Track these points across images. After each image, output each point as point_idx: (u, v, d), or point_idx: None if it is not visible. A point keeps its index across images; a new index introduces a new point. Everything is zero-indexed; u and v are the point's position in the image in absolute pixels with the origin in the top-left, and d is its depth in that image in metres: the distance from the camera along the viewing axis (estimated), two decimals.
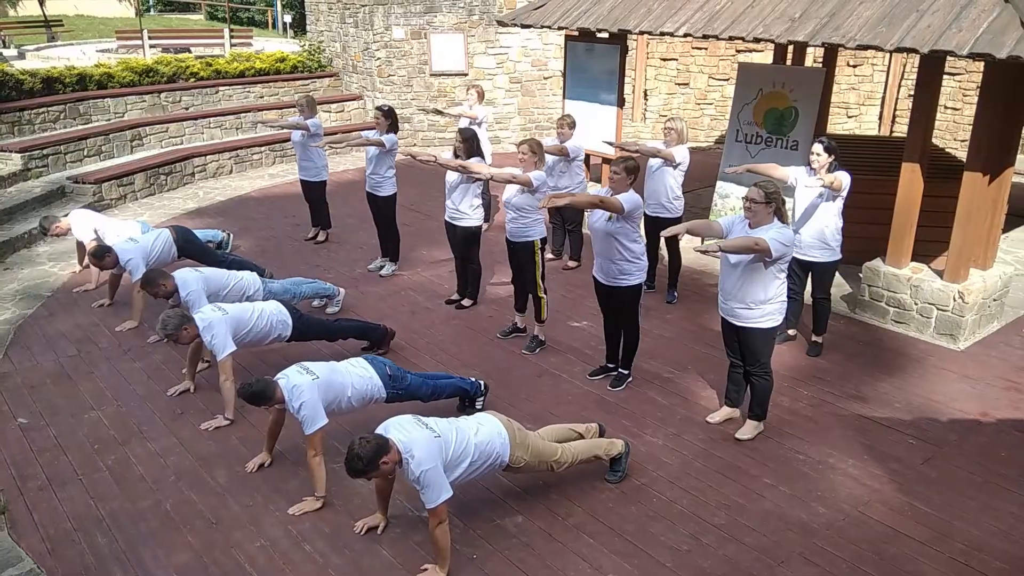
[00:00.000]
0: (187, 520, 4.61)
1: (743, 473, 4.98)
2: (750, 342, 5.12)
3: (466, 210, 7.02)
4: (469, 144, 6.90)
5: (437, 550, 4.08)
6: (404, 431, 4.06)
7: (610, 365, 6.14)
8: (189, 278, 6.18)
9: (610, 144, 8.31)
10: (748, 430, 5.33)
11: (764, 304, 4.96)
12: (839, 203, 6.09)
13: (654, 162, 7.29)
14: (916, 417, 5.59)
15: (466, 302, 7.47)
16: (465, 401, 5.62)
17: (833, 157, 6.03)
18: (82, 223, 7.89)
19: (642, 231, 5.63)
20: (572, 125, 7.93)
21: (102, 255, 6.95)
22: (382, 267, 8.32)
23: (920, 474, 4.96)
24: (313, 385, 4.63)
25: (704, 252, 4.79)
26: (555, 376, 6.20)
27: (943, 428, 5.46)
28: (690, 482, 4.90)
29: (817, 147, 6.05)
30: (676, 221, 7.09)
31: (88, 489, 4.89)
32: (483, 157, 7.04)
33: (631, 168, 5.48)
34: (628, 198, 5.42)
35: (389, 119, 7.91)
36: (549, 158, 7.79)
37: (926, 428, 5.45)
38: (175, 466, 5.12)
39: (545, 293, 6.55)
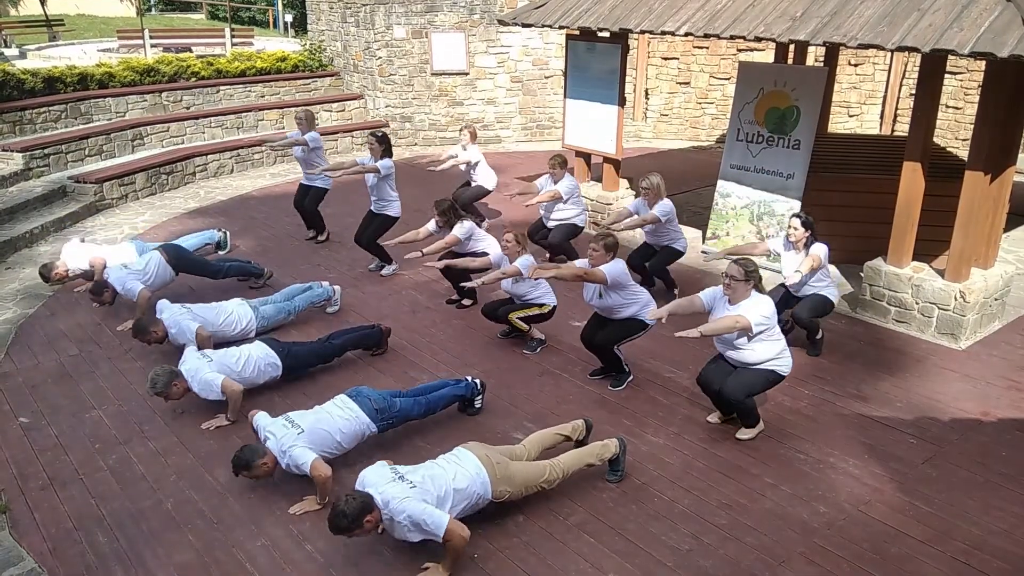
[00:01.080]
0: (188, 519, 4.62)
1: (744, 472, 4.98)
2: (747, 375, 5.11)
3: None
4: (446, 215, 6.98)
5: (448, 552, 4.09)
6: (380, 487, 4.08)
7: None
8: (179, 319, 6.24)
9: (596, 224, 8.35)
10: (748, 430, 5.33)
11: (769, 361, 5.06)
12: (822, 271, 6.23)
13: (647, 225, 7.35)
14: (917, 416, 5.58)
15: (467, 301, 7.47)
16: (464, 402, 5.61)
17: (810, 232, 6.19)
18: (76, 257, 7.77)
19: (633, 283, 5.76)
20: (563, 164, 8.00)
21: (100, 292, 7.05)
22: (382, 267, 8.33)
23: (921, 473, 4.96)
24: (299, 438, 4.68)
25: (686, 336, 4.84)
26: (556, 375, 6.20)
27: (944, 427, 5.46)
28: (691, 481, 4.90)
29: (795, 221, 6.23)
30: (678, 250, 7.36)
31: (89, 488, 4.90)
32: (463, 220, 7.04)
33: (610, 246, 5.60)
34: (610, 269, 5.52)
35: (383, 145, 7.94)
36: (547, 191, 7.96)
37: (927, 427, 5.45)
38: (176, 465, 5.12)
39: (527, 329, 6.57)
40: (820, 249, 6.14)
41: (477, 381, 5.64)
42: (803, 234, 6.17)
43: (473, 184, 9.34)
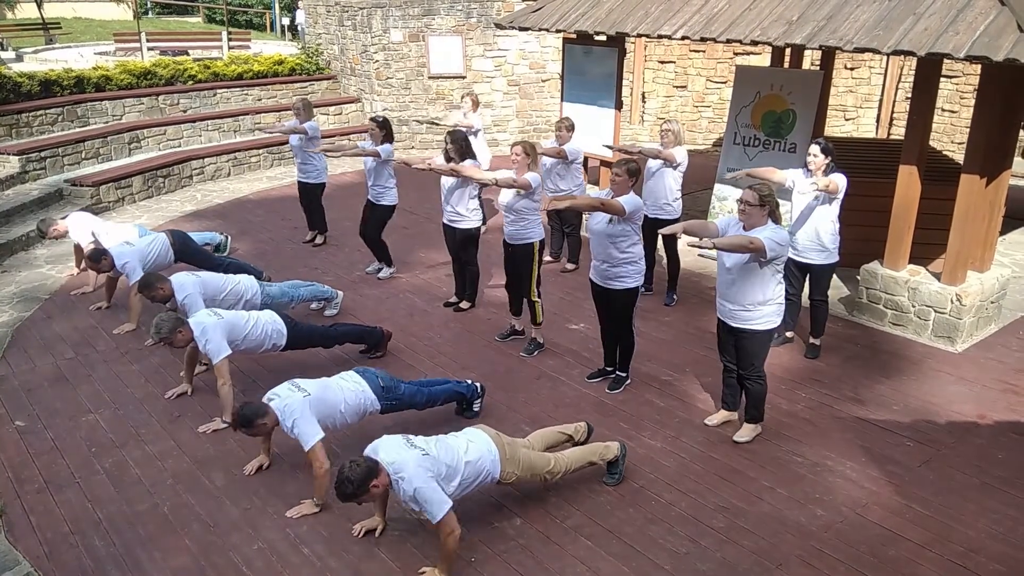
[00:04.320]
0: (185, 523, 4.61)
1: (741, 476, 4.98)
2: (746, 344, 5.12)
3: (464, 212, 7.03)
4: (459, 146, 6.84)
5: (444, 555, 4.08)
6: (392, 452, 4.07)
7: (608, 368, 6.13)
8: (186, 282, 6.18)
9: (609, 148, 8.34)
10: (746, 432, 5.33)
11: (761, 306, 4.97)
12: (836, 206, 6.10)
13: (653, 164, 7.30)
14: (914, 419, 5.59)
15: (464, 305, 7.47)
16: (462, 404, 5.61)
17: (830, 159, 6.05)
18: (80, 226, 7.88)
19: (641, 235, 5.65)
20: (571, 128, 7.93)
21: (98, 258, 6.95)
22: (380, 270, 8.32)
23: (918, 476, 4.97)
24: (304, 402, 4.64)
25: (698, 246, 4.79)
26: (553, 379, 6.20)
27: (941, 430, 5.46)
28: (688, 484, 4.90)
29: (814, 148, 6.08)
30: (675, 222, 7.08)
31: (86, 492, 4.88)
32: (475, 159, 7.03)
33: (632, 170, 5.48)
34: (629, 200, 5.43)
35: (383, 129, 7.90)
36: (547, 160, 7.83)
37: (924, 430, 5.46)
38: (172, 469, 5.11)
39: (539, 297, 6.55)
40: (840, 178, 6.01)
41: (478, 384, 5.65)
42: (823, 161, 6.03)
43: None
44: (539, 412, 5.69)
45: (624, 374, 6.02)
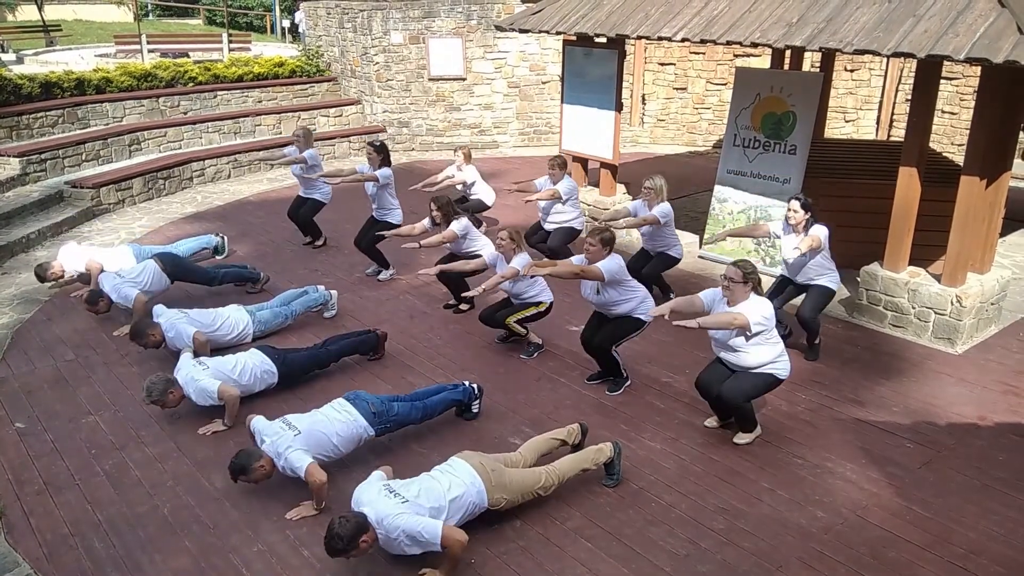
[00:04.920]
0: (185, 525, 4.61)
1: (741, 477, 4.98)
2: (747, 378, 5.10)
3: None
4: (444, 211, 6.97)
5: (450, 559, 4.08)
6: (376, 507, 4.07)
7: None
8: (176, 323, 6.23)
9: (594, 220, 8.36)
10: (746, 434, 5.33)
11: (763, 368, 5.04)
12: (823, 254, 6.20)
13: (644, 227, 7.30)
14: (914, 421, 5.59)
15: (464, 306, 7.47)
16: (461, 408, 5.61)
17: (810, 214, 6.17)
18: (73, 259, 7.77)
19: (630, 277, 5.75)
20: (563, 166, 8.02)
21: (95, 301, 7.01)
22: (379, 271, 8.33)
23: (918, 478, 4.96)
24: (295, 440, 4.68)
25: (684, 327, 4.81)
26: (553, 380, 6.19)
27: (941, 432, 5.46)
28: (688, 486, 4.90)
29: (794, 204, 6.20)
30: (674, 257, 7.35)
31: (85, 494, 4.88)
32: (459, 218, 7.04)
33: (607, 240, 5.56)
34: (607, 266, 5.50)
35: (381, 154, 7.97)
36: (542, 203, 7.96)
37: (924, 432, 5.45)
38: (173, 471, 5.11)
39: (525, 333, 6.55)
40: (820, 231, 6.09)
41: (474, 386, 5.64)
42: (802, 217, 6.12)
43: (471, 198, 9.37)
44: (539, 413, 5.69)
45: (623, 375, 6.02)
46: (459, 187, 9.39)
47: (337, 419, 4.91)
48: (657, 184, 7.15)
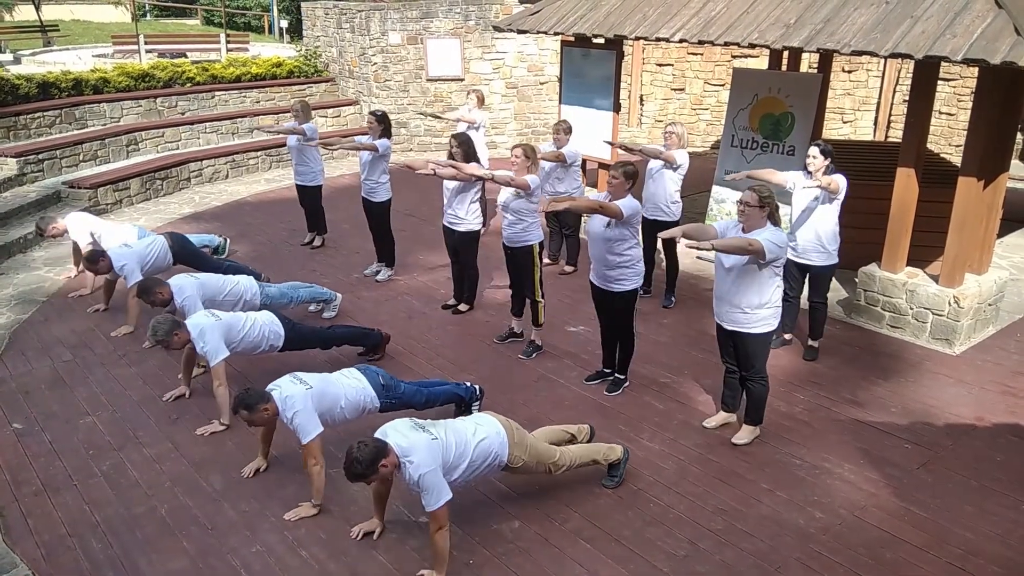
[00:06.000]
0: (182, 526, 4.60)
1: (740, 478, 4.98)
2: (745, 347, 5.13)
3: (464, 215, 7.02)
4: (465, 148, 6.88)
5: (435, 555, 4.08)
6: (402, 435, 4.06)
7: (607, 370, 6.13)
8: (185, 284, 6.17)
9: (610, 144, 8.33)
10: (744, 435, 5.34)
11: (759, 309, 4.97)
12: (836, 206, 6.11)
13: (654, 165, 7.31)
14: (912, 421, 5.59)
15: (463, 307, 7.47)
16: (461, 406, 5.61)
17: (829, 160, 6.06)
18: (79, 226, 7.89)
19: (640, 236, 5.65)
20: (568, 130, 7.93)
21: (96, 259, 6.95)
22: (378, 272, 8.32)
23: (916, 479, 4.97)
24: (307, 395, 4.62)
25: (697, 248, 4.79)
26: (552, 381, 6.20)
27: (939, 432, 5.47)
28: (687, 487, 4.90)
29: (813, 150, 6.09)
30: (674, 224, 7.10)
31: (83, 495, 4.87)
32: (479, 161, 7.04)
33: (630, 173, 5.49)
34: (627, 203, 5.43)
35: (382, 124, 7.90)
36: (546, 164, 7.82)
37: (922, 432, 5.46)
38: (170, 471, 5.10)
39: (543, 298, 6.55)
40: (840, 178, 6.01)
41: (476, 387, 5.65)
42: (823, 162, 6.02)
43: None
44: (538, 414, 5.68)
45: (623, 376, 6.02)
46: (465, 126, 9.23)
47: (347, 383, 4.90)
48: (678, 130, 7.25)
